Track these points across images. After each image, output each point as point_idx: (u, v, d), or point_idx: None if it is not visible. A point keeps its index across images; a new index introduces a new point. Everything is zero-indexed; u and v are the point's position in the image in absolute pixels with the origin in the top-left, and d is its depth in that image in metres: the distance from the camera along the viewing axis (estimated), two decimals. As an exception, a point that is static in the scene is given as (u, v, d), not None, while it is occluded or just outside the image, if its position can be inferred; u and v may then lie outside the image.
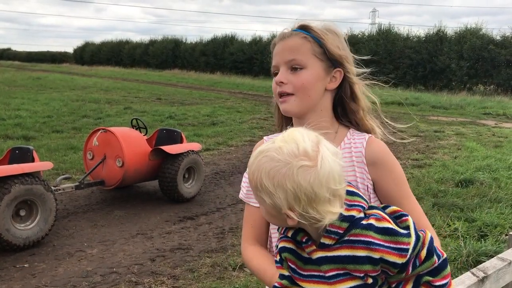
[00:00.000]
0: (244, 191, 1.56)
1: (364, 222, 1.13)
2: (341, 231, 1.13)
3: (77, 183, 5.96)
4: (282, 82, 1.42)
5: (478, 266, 1.84)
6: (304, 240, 1.19)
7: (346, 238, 1.13)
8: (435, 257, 1.14)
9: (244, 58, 40.84)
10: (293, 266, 1.21)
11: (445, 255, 1.17)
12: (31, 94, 19.90)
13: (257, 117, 15.55)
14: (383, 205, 1.30)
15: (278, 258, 1.27)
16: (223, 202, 6.53)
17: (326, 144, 1.16)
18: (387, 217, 1.16)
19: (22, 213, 4.73)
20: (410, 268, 1.12)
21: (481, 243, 4.76)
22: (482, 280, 1.75)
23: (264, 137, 1.58)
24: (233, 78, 36.63)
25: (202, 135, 11.43)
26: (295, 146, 1.13)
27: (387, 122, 1.65)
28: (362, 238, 1.11)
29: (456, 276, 4.12)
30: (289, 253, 1.22)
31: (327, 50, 1.41)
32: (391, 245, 1.10)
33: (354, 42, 34.59)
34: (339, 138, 1.47)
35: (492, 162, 8.68)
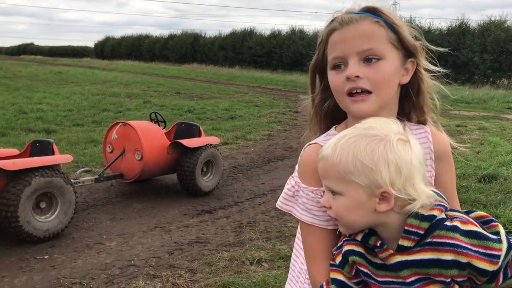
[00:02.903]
0: (313, 212, 1.24)
1: (448, 223, 1.04)
2: (421, 232, 1.03)
3: (96, 176, 6.01)
4: (357, 77, 1.17)
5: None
6: (378, 244, 1.09)
7: (428, 240, 1.03)
8: None
9: (263, 52, 40.73)
10: (366, 270, 1.11)
11: None
12: (52, 88, 20.18)
13: (275, 111, 15.48)
14: (466, 210, 1.17)
15: (338, 260, 1.15)
16: (241, 196, 6.51)
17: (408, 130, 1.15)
18: (473, 220, 1.07)
19: (43, 205, 4.77)
20: (501, 279, 1.02)
21: (504, 240, 4.64)
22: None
23: (317, 141, 1.30)
24: (251, 72, 36.56)
25: (220, 129, 11.42)
26: (387, 125, 1.09)
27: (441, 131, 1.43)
28: (448, 241, 1.01)
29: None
30: (359, 257, 1.11)
31: (402, 38, 1.22)
32: (480, 250, 1.00)
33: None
34: None
35: (516, 157, 8.47)
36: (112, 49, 63.51)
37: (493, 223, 1.09)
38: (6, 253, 4.46)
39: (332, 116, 1.36)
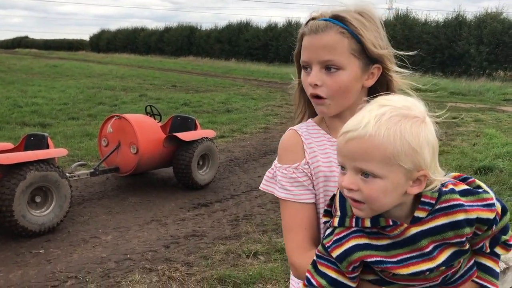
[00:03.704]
0: (286, 188, 1.33)
1: (445, 188, 1.09)
2: (433, 201, 1.07)
3: (92, 170, 5.98)
4: (316, 85, 1.30)
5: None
6: (390, 222, 1.07)
7: (437, 207, 1.07)
8: (507, 214, 1.14)
9: (259, 45, 40.65)
10: (377, 259, 1.08)
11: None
12: (47, 81, 20.07)
13: (272, 104, 15.45)
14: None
15: (336, 254, 1.11)
16: (237, 189, 6.51)
17: None
18: (458, 181, 1.14)
19: (38, 199, 4.75)
20: (495, 225, 1.10)
21: (500, 232, 4.66)
22: (504, 272, 1.69)
23: (294, 128, 1.43)
24: (248, 65, 36.45)
25: (216, 122, 11.40)
26: (419, 105, 1.10)
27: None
28: (455, 202, 1.07)
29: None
30: (366, 249, 1.09)
31: (366, 48, 1.28)
32: (479, 203, 1.08)
33: (371, 27, 34.12)
34: None
35: (512, 149, 8.49)
36: (107, 42, 63.19)
37: (470, 180, 1.16)
38: (1, 247, 4.44)
39: None
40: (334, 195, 1.20)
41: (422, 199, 1.07)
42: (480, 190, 1.11)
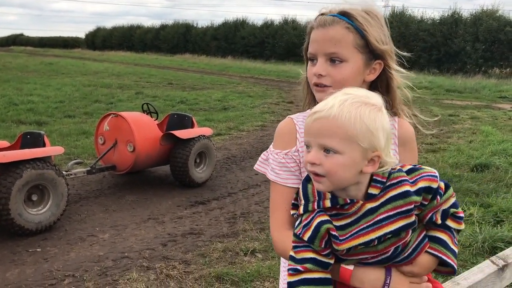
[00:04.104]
0: (276, 171, 1.45)
1: (393, 170, 1.24)
2: (384, 180, 1.21)
3: (88, 168, 5.97)
4: (321, 75, 1.39)
5: (497, 254, 1.77)
6: (348, 201, 1.20)
7: (387, 184, 1.21)
8: (451, 188, 1.28)
9: (256, 42, 40.63)
10: (335, 233, 1.20)
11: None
12: (43, 79, 19.99)
13: (268, 101, 15.45)
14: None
15: (307, 236, 1.21)
16: (234, 187, 6.50)
17: None
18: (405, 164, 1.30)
19: (34, 198, 4.74)
20: (439, 196, 1.23)
21: (497, 228, 4.68)
22: (502, 269, 1.69)
23: (291, 116, 1.52)
24: (244, 62, 36.43)
25: (213, 120, 11.38)
26: (377, 97, 1.24)
27: (414, 115, 1.60)
28: (402, 178, 1.21)
29: (473, 263, 4.07)
30: (330, 223, 1.20)
31: (370, 43, 1.38)
32: (424, 175, 1.23)
33: (367, 25, 34.14)
34: None
35: (508, 146, 8.52)
36: (103, 40, 62.99)
37: (418, 166, 1.31)
38: (-2, 246, 4.43)
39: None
40: (299, 190, 1.32)
41: (374, 177, 1.21)
42: (422, 167, 1.27)
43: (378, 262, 1.23)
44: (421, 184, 1.21)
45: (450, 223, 1.26)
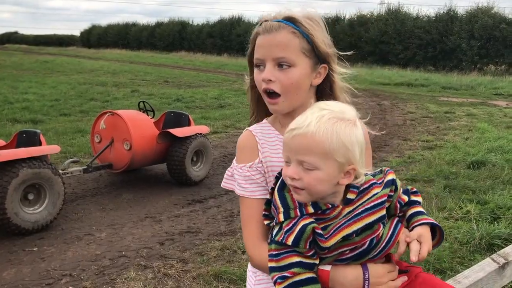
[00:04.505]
0: (242, 185, 1.46)
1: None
2: (359, 185, 1.30)
3: (85, 167, 5.94)
4: (270, 80, 1.39)
5: (498, 252, 1.77)
6: (329, 206, 1.26)
7: (361, 189, 1.30)
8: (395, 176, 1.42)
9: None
10: (319, 231, 1.24)
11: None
12: (38, 77, 19.89)
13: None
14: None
15: (291, 240, 1.24)
16: (231, 185, 6.48)
17: None
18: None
19: (31, 197, 4.71)
20: (398, 185, 1.36)
21: (494, 225, 4.68)
22: (503, 267, 1.69)
23: (250, 128, 1.53)
24: (240, 60, 36.31)
25: (209, 118, 11.36)
26: (351, 110, 1.29)
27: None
28: (372, 181, 1.31)
29: (470, 260, 4.07)
30: (314, 223, 1.24)
31: (316, 47, 1.40)
32: (384, 174, 1.36)
33: (363, 22, 34.18)
34: None
35: (504, 143, 8.54)
36: (98, 38, 62.72)
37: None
38: (-6, 245, 4.40)
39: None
40: (268, 199, 1.37)
41: (351, 183, 1.30)
42: (378, 169, 1.39)
43: (355, 256, 1.27)
44: (388, 178, 1.34)
45: (415, 197, 1.40)
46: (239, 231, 4.83)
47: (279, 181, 1.35)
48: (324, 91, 1.49)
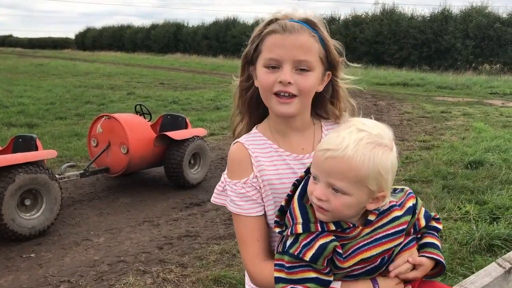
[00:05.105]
0: (236, 202, 1.40)
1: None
2: (380, 207, 1.27)
3: (82, 171, 5.90)
4: (289, 83, 1.31)
5: (503, 256, 1.75)
6: (351, 225, 1.23)
7: (381, 210, 1.27)
8: (418, 198, 1.40)
9: (247, 41, 40.50)
10: (339, 251, 1.21)
11: None
12: (33, 81, 19.79)
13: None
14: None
15: (309, 256, 1.20)
16: (229, 188, 6.45)
17: None
18: None
19: (27, 202, 4.67)
20: (416, 209, 1.34)
21: (493, 226, 4.68)
22: (509, 271, 1.67)
23: (240, 140, 1.45)
24: (236, 61, 36.27)
25: (206, 120, 11.33)
26: (388, 132, 1.24)
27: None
28: (392, 204, 1.28)
29: (470, 261, 4.05)
30: (336, 242, 1.21)
31: (330, 54, 1.36)
32: (405, 196, 1.33)
33: (358, 22, 34.23)
34: (318, 131, 1.48)
35: (501, 142, 8.55)
36: (93, 40, 62.56)
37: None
38: (-9, 252, 4.36)
39: (257, 104, 1.46)
40: (282, 206, 1.32)
41: None
42: (398, 189, 1.37)
43: (366, 272, 1.25)
44: (409, 204, 1.31)
45: (434, 224, 1.38)
46: (238, 235, 4.80)
47: (299, 189, 1.30)
48: (322, 97, 1.45)
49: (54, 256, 4.32)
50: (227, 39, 42.45)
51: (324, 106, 1.48)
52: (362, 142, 1.17)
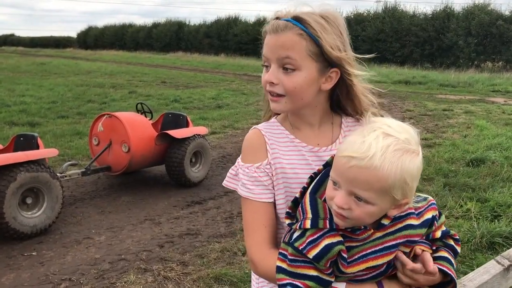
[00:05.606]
0: (247, 186, 1.38)
1: None
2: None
3: (83, 169, 5.91)
4: (272, 83, 1.33)
5: (502, 254, 1.75)
6: (362, 227, 1.18)
7: (396, 215, 1.20)
8: (443, 216, 1.34)
9: (248, 39, 40.48)
10: (344, 255, 1.18)
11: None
12: (35, 80, 19.83)
13: (262, 99, 15.37)
14: None
15: (313, 254, 1.16)
16: (230, 186, 6.45)
17: None
18: None
19: (29, 201, 4.68)
20: (435, 221, 1.29)
21: (494, 223, 4.68)
22: (508, 269, 1.67)
23: (258, 127, 1.47)
24: (237, 59, 36.34)
25: (207, 119, 11.33)
26: (414, 135, 1.17)
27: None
28: (409, 211, 1.22)
29: (471, 258, 4.05)
30: (342, 244, 1.18)
31: (324, 51, 1.30)
32: (426, 206, 1.26)
33: (360, 20, 34.18)
34: (336, 127, 1.46)
35: (503, 140, 8.53)
36: (95, 39, 62.67)
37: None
38: (-7, 250, 4.37)
39: None
40: (296, 198, 1.27)
41: None
42: (419, 196, 1.29)
43: (371, 278, 1.22)
44: (428, 215, 1.24)
45: (452, 242, 1.31)
46: (239, 233, 4.81)
47: (313, 183, 1.25)
48: (338, 96, 1.42)
49: (56, 255, 4.33)
50: (229, 37, 42.45)
51: (339, 103, 1.46)
52: (389, 149, 1.10)
